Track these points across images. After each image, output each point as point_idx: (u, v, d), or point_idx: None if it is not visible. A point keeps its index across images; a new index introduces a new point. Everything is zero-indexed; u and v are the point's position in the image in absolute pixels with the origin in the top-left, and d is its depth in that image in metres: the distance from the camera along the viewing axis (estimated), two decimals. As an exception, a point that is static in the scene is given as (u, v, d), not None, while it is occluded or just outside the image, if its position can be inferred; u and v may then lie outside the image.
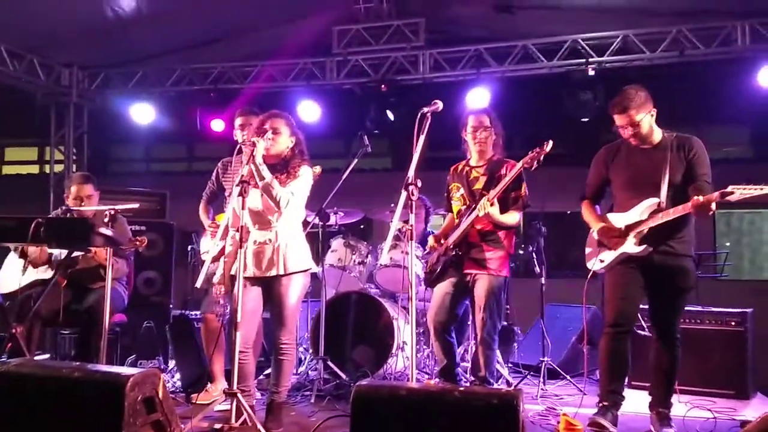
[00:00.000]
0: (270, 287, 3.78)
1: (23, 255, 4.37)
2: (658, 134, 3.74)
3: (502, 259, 4.09)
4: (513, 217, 4.07)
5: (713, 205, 3.35)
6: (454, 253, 4.11)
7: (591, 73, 6.91)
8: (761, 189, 3.20)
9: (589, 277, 3.80)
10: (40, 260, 4.39)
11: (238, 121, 4.51)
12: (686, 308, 4.33)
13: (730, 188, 3.29)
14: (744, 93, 6.81)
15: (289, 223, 3.80)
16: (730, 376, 4.70)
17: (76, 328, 4.96)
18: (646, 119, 3.65)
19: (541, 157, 3.82)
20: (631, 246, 3.62)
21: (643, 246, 3.59)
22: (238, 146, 4.51)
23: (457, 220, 4.22)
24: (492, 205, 3.90)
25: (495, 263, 4.05)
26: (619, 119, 3.68)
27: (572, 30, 7.10)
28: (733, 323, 4.78)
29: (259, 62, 7.93)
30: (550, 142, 3.79)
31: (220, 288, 3.92)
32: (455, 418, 2.46)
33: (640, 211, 3.64)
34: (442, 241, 4.22)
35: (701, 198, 3.35)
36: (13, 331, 3.88)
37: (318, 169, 3.99)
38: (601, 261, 3.76)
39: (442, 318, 4.14)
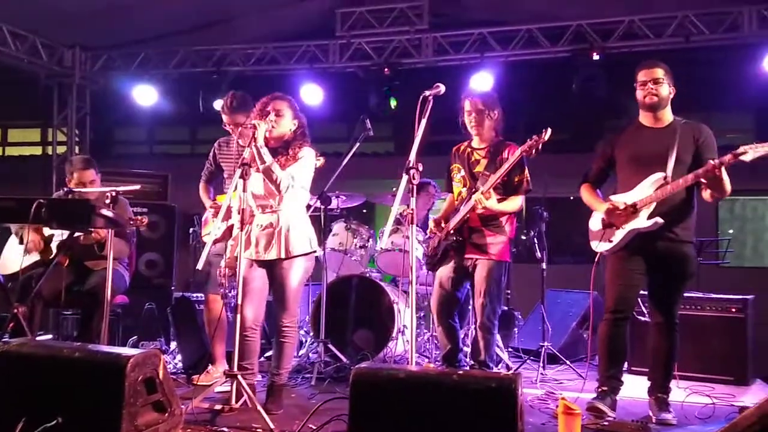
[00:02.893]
0: (272, 270, 3.80)
1: (22, 241, 4.38)
2: (669, 116, 3.73)
3: (503, 244, 4.08)
4: (514, 203, 4.06)
5: (725, 175, 3.33)
6: (454, 237, 4.11)
7: (595, 58, 6.85)
8: None
9: (597, 259, 3.79)
10: (36, 249, 4.41)
11: (224, 118, 4.55)
12: (687, 294, 4.34)
13: (741, 148, 3.26)
14: (749, 79, 6.76)
15: (292, 206, 3.80)
16: (730, 363, 4.71)
17: (78, 309, 4.98)
18: (666, 87, 3.65)
19: (540, 146, 3.80)
20: (641, 221, 3.58)
21: (654, 220, 3.55)
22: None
23: (457, 202, 4.21)
24: (488, 198, 3.90)
25: (496, 248, 4.05)
26: (643, 74, 3.68)
27: (577, 14, 7.04)
28: (733, 310, 4.78)
29: (261, 45, 7.89)
30: (549, 131, 3.76)
31: (225, 270, 3.93)
32: (453, 402, 2.47)
33: (646, 186, 3.61)
34: (443, 225, 4.22)
35: (715, 161, 3.32)
36: (15, 311, 3.89)
37: (321, 161, 3.99)
38: (609, 241, 3.72)
39: (444, 302, 4.15)
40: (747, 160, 3.27)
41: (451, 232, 4.12)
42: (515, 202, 4.06)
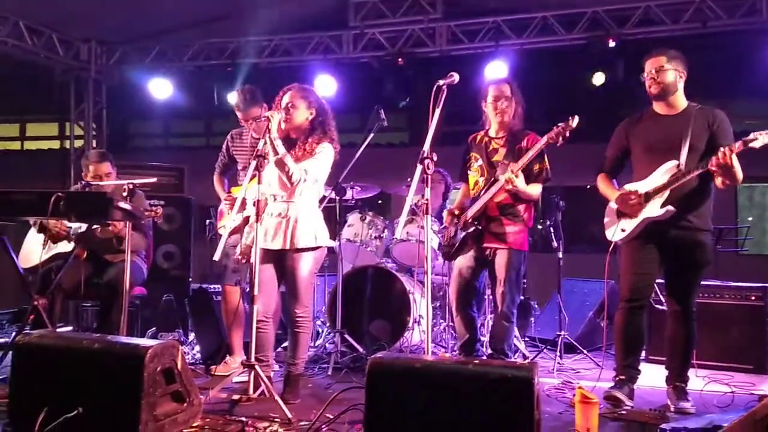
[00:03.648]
0: (282, 261, 3.82)
1: (42, 229, 4.42)
2: (683, 102, 3.69)
3: (521, 233, 4.07)
4: (535, 189, 4.04)
5: (735, 162, 3.31)
6: (474, 227, 4.09)
7: (612, 44, 6.79)
8: None
9: (610, 249, 3.76)
10: (60, 234, 4.44)
11: (239, 115, 4.65)
12: (705, 283, 4.31)
13: (752, 135, 3.25)
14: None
15: (304, 198, 3.81)
16: (749, 351, 4.68)
17: (97, 301, 5.03)
18: (672, 74, 3.61)
19: (567, 133, 3.76)
20: (654, 210, 3.56)
21: (666, 208, 3.52)
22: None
23: (473, 191, 4.19)
24: (516, 176, 3.87)
25: (515, 237, 4.04)
26: (648, 64, 3.66)
27: (593, 1, 6.97)
28: (752, 298, 4.74)
29: (275, 36, 7.90)
30: (576, 118, 3.71)
31: (240, 259, 3.95)
32: (470, 391, 2.47)
33: (660, 174, 3.58)
34: (457, 214, 4.21)
35: (725, 149, 3.30)
36: (36, 303, 3.95)
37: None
38: (623, 230, 3.70)
39: (463, 292, 4.15)
40: (757, 146, 3.25)
41: (470, 221, 4.10)
42: (536, 188, 4.04)
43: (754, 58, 7.01)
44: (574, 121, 3.71)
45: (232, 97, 4.58)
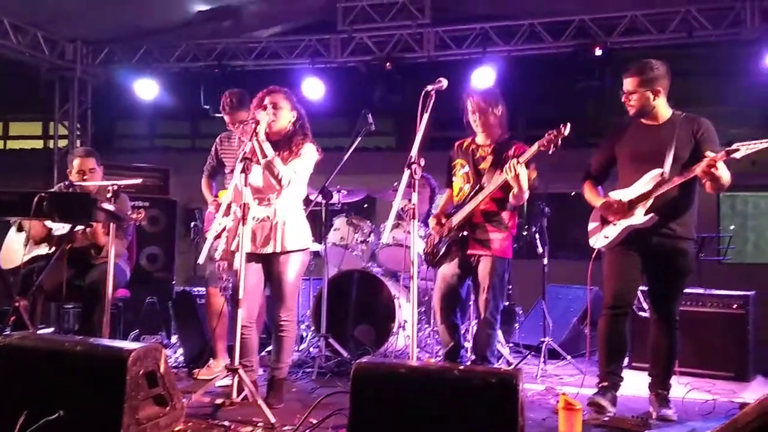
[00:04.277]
0: (268, 264, 3.80)
1: (21, 228, 4.38)
2: (667, 112, 3.71)
3: (505, 240, 4.07)
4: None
5: (722, 169, 3.33)
6: (459, 233, 4.09)
7: (598, 53, 6.84)
8: (766, 142, 3.21)
9: (593, 256, 3.78)
10: (39, 235, 4.40)
11: (226, 118, 4.62)
12: (688, 291, 4.34)
13: (735, 146, 3.27)
14: (752, 74, 6.75)
15: (289, 200, 3.80)
16: (731, 359, 4.72)
17: (79, 303, 4.98)
18: (644, 96, 3.62)
19: (559, 141, 3.72)
20: (637, 218, 3.58)
21: (649, 216, 3.54)
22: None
23: (457, 198, 4.19)
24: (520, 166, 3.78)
25: (499, 244, 4.03)
26: (625, 82, 3.69)
27: (580, 9, 7.02)
28: (734, 306, 4.78)
29: (263, 39, 7.88)
30: (569, 125, 3.66)
31: (223, 264, 3.94)
32: (454, 397, 2.47)
33: (644, 182, 3.60)
34: (443, 221, 4.20)
35: (710, 155, 3.32)
36: (17, 304, 3.90)
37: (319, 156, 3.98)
38: (606, 237, 3.72)
39: (447, 299, 4.14)
40: (738, 157, 3.29)
41: (455, 228, 4.10)
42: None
43: (739, 67, 7.11)
44: (567, 129, 3.67)
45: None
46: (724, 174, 3.39)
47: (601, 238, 3.75)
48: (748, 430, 2.23)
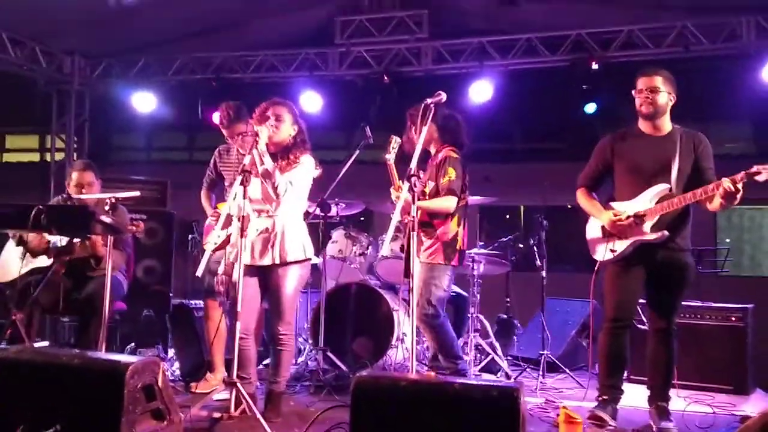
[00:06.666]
0: (267, 277, 3.78)
1: (21, 242, 4.36)
2: (669, 124, 3.72)
3: (434, 246, 4.17)
4: (442, 202, 4.12)
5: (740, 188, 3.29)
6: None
7: (595, 67, 6.87)
8: None
9: (597, 268, 3.77)
10: (38, 247, 4.38)
11: (224, 131, 4.63)
12: (687, 303, 4.34)
13: (755, 168, 3.24)
14: (748, 89, 6.78)
15: (288, 212, 3.79)
16: (730, 372, 4.71)
17: (75, 316, 4.95)
18: (665, 96, 3.62)
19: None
20: (648, 233, 3.57)
21: (661, 232, 3.54)
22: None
23: None
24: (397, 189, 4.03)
25: (427, 252, 4.15)
26: (641, 82, 3.66)
27: (576, 23, 7.06)
28: (733, 319, 4.78)
29: (261, 52, 7.90)
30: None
31: (222, 277, 3.91)
32: (455, 410, 2.46)
33: (649, 197, 3.60)
34: None
35: (731, 179, 3.28)
36: (13, 317, 3.87)
37: (318, 171, 3.98)
38: (612, 251, 3.68)
39: None
40: (761, 180, 3.25)
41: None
42: (443, 202, 4.17)
43: (735, 81, 7.14)
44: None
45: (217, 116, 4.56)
46: (739, 195, 3.37)
47: (607, 251, 3.71)
48: (750, 444, 2.23)
